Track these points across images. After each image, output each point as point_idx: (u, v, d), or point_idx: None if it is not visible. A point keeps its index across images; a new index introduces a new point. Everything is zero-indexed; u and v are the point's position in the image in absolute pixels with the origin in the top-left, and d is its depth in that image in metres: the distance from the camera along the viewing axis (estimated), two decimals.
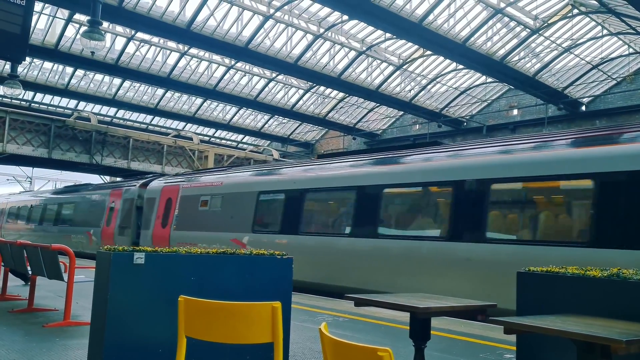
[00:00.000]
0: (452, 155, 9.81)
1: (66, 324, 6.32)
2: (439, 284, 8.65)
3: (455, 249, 8.78)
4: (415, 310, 3.22)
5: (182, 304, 2.87)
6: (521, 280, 3.77)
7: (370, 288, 9.38)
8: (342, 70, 24.69)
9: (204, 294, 3.45)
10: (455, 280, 8.61)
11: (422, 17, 18.74)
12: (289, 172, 13.01)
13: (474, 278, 8.34)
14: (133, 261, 3.88)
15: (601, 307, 3.36)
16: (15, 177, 44.29)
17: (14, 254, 7.99)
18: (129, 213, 18.32)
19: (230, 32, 21.31)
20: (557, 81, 24.42)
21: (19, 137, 23.30)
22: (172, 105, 31.70)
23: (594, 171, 7.52)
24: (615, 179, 7.31)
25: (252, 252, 4.40)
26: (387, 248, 9.91)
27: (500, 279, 7.51)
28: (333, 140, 36.16)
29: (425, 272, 9.10)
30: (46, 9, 21.33)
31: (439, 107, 28.82)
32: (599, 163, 7.51)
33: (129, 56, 24.49)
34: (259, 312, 2.80)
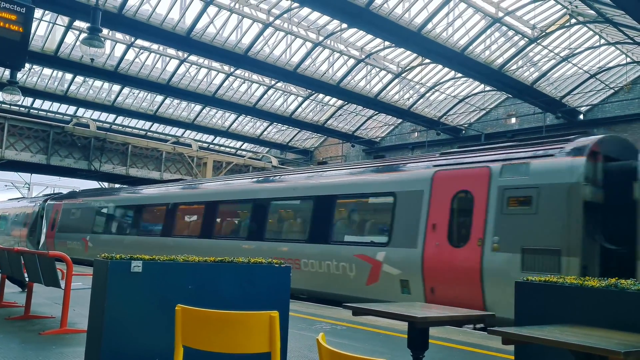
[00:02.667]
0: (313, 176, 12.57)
1: (63, 332, 6.29)
2: None
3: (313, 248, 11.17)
4: (414, 320, 3.21)
5: (180, 313, 2.87)
6: (519, 289, 3.77)
7: None
8: (341, 77, 24.76)
9: (202, 303, 3.44)
10: None
11: (421, 26, 18.81)
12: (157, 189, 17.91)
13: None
14: (130, 269, 3.88)
15: (599, 317, 3.36)
16: (14, 183, 44.22)
17: (11, 261, 7.96)
18: (35, 221, 24.62)
19: (229, 40, 21.38)
20: (555, 90, 24.50)
21: (17, 143, 23.30)
22: (171, 111, 31.72)
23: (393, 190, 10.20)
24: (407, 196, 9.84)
25: (250, 261, 4.40)
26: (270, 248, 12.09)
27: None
28: (332, 148, 36.20)
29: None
30: (46, 16, 21.38)
31: (438, 115, 28.89)
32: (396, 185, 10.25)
33: (129, 63, 24.53)
34: (256, 322, 2.79)
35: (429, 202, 9.47)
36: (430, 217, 9.40)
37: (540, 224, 8.03)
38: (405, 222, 9.77)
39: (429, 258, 9.14)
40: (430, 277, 9.07)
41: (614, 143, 8.58)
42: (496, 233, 8.39)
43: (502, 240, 8.29)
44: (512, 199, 8.46)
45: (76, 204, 21.51)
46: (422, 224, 9.43)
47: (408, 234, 9.58)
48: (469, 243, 8.72)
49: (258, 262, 4.43)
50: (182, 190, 16.31)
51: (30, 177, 41.87)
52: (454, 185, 9.28)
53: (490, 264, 8.33)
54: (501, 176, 8.64)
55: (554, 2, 19.53)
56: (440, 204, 9.32)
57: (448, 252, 8.97)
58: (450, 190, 9.27)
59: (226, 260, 4.31)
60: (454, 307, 3.89)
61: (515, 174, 8.52)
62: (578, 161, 7.96)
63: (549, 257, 7.85)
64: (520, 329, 2.92)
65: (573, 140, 8.50)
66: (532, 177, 8.30)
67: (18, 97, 16.56)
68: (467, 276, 8.56)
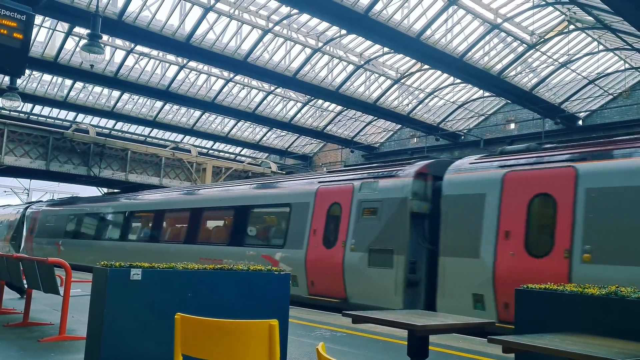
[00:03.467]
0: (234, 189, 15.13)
1: (62, 339, 6.28)
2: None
3: (232, 250, 13.32)
4: (414, 328, 3.21)
5: (179, 322, 2.86)
6: (519, 297, 3.77)
7: None
8: (340, 83, 24.80)
9: (201, 310, 3.43)
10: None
11: (420, 32, 18.87)
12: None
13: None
14: (130, 277, 3.87)
15: (599, 325, 3.36)
16: (13, 189, 44.20)
17: (10, 267, 7.94)
18: (18, 227, 26.55)
19: (229, 46, 21.42)
20: (554, 96, 24.55)
21: (17, 149, 23.30)
22: (170, 117, 31.74)
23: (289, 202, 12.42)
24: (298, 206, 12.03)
25: (250, 268, 4.39)
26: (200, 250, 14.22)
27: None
28: (331, 153, 36.22)
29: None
30: (46, 22, 21.42)
31: (437, 120, 28.93)
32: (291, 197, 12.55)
33: (128, 69, 24.56)
34: (256, 331, 2.79)
35: (312, 212, 11.68)
36: (312, 224, 11.54)
37: (381, 229, 10.22)
38: (295, 228, 11.94)
39: (310, 258, 11.33)
40: (310, 272, 11.26)
41: (441, 165, 10.41)
42: (354, 237, 10.60)
43: (357, 242, 10.51)
44: (365, 210, 10.60)
45: (51, 211, 23.84)
46: (307, 229, 11.61)
47: (297, 238, 11.77)
48: (336, 245, 10.91)
49: (257, 269, 4.43)
50: (134, 200, 19.18)
51: (29, 183, 41.84)
52: (329, 199, 11.45)
53: (349, 261, 10.56)
54: (360, 191, 10.80)
55: (552, 9, 19.61)
56: (320, 213, 11.51)
57: (322, 253, 11.13)
58: (326, 202, 11.45)
59: (225, 268, 4.31)
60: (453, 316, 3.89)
61: (369, 190, 10.65)
62: (408, 181, 10.13)
63: (386, 255, 9.99)
64: (520, 338, 2.91)
65: (412, 164, 10.71)
66: (378, 193, 10.47)
67: (18, 103, 16.56)
68: (334, 271, 10.74)
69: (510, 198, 8.61)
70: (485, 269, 8.55)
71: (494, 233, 8.61)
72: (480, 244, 8.75)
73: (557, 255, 7.84)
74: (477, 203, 8.96)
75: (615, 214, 7.51)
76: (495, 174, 9.01)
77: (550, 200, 8.22)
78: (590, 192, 7.77)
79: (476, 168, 9.55)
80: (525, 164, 8.77)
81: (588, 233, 7.63)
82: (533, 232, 8.38)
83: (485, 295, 8.50)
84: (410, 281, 9.78)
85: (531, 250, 8.24)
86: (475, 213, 8.94)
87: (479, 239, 8.79)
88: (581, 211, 7.79)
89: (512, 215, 8.50)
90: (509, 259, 8.33)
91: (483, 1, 19.22)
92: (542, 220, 8.44)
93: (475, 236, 8.84)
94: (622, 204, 7.44)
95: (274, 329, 2.77)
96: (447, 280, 9.13)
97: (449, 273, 9.11)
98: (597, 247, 7.45)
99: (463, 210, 9.22)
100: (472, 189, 9.24)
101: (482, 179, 9.17)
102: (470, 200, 9.14)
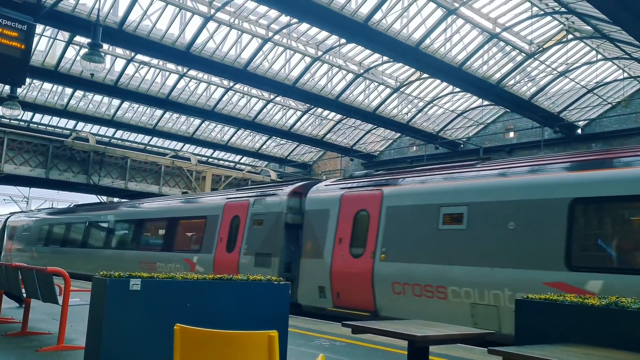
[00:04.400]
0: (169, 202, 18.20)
1: (60, 348, 6.25)
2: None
3: (164, 254, 15.90)
4: (413, 338, 3.20)
5: (178, 333, 2.85)
6: (520, 307, 3.76)
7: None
8: (339, 92, 24.86)
9: (200, 321, 3.42)
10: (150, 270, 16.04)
11: (419, 41, 18.95)
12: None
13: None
14: (129, 287, 3.86)
15: (600, 336, 3.35)
16: (12, 197, 44.15)
17: (8, 276, 7.92)
18: (1, 235, 28.39)
19: (229, 55, 21.49)
20: (552, 104, 24.61)
21: (16, 157, 23.32)
22: (170, 125, 31.79)
23: (205, 214, 15.05)
24: (211, 218, 14.64)
25: (249, 278, 4.38)
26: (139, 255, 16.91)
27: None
28: (330, 162, 36.25)
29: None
30: (47, 31, 21.50)
31: (436, 129, 28.98)
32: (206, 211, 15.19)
33: (128, 77, 24.62)
34: (255, 342, 2.78)
35: (220, 223, 14.15)
36: (220, 233, 14.03)
37: (264, 237, 12.71)
38: (208, 236, 14.41)
39: (217, 260, 13.78)
40: (218, 271, 13.01)
41: (310, 186, 12.78)
42: (246, 243, 13.08)
43: (248, 248, 13.01)
44: (255, 221, 13.10)
45: (28, 221, 26.05)
46: (216, 237, 14.09)
47: (209, 244, 14.23)
48: (234, 250, 13.37)
49: (257, 279, 4.42)
50: (91, 212, 21.81)
51: (29, 191, 41.80)
52: (231, 212, 13.96)
53: (242, 262, 12.97)
54: (253, 206, 13.30)
55: (550, 18, 19.71)
56: (226, 224, 13.94)
57: (225, 257, 13.51)
58: (230, 215, 13.95)
59: (225, 278, 4.30)
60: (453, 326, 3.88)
61: (259, 206, 13.17)
62: (284, 198, 12.66)
63: (267, 257, 12.45)
64: (521, 349, 2.90)
65: (290, 185, 13.29)
66: (264, 208, 13.01)
67: (18, 112, 16.59)
68: (232, 270, 12.94)
69: (344, 213, 11.26)
70: (326, 267, 11.14)
71: (332, 240, 11.23)
72: (324, 248, 11.34)
73: (367, 256, 10.45)
74: (324, 217, 11.59)
75: (399, 225, 10.10)
76: (336, 194, 11.68)
77: (366, 215, 10.77)
78: (388, 209, 10.40)
79: (327, 189, 12.18)
80: (355, 187, 11.44)
81: (385, 239, 10.25)
82: (354, 239, 10.93)
83: (326, 287, 11.16)
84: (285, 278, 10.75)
85: (352, 252, 10.84)
86: (323, 224, 11.58)
87: (323, 244, 11.38)
88: (383, 223, 10.37)
89: (344, 226, 11.11)
90: (340, 260, 10.95)
91: (482, 10, 19.32)
92: (360, 230, 10.89)
93: (321, 242, 11.44)
94: (403, 219, 10.07)
95: (274, 340, 2.77)
96: (304, 276, 11.72)
97: (305, 270, 11.74)
98: (388, 250, 10.09)
99: (315, 222, 11.85)
100: (322, 205, 11.86)
101: (328, 198, 11.79)
102: (319, 214, 11.78)
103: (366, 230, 10.61)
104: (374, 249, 10.30)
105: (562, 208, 7.82)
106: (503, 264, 8.30)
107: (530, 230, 8.18)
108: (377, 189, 10.80)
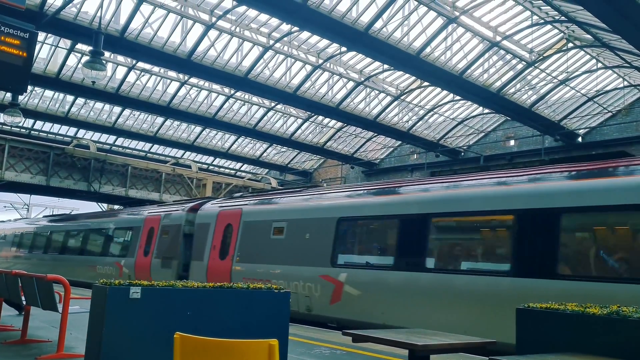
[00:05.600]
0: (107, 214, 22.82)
1: (60, 356, 6.22)
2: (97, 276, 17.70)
3: (101, 259, 18.97)
4: (414, 347, 3.19)
5: (178, 341, 2.84)
6: (521, 316, 3.74)
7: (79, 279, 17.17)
8: (340, 100, 24.92)
9: (200, 329, 3.41)
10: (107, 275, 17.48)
11: (420, 50, 19.02)
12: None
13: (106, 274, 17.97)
14: (129, 295, 3.85)
15: (601, 345, 3.34)
16: (13, 204, 44.16)
17: (8, 284, 7.90)
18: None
19: (230, 62, 21.57)
20: (553, 113, 24.65)
21: (17, 164, 23.33)
22: (171, 133, 31.84)
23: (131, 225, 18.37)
24: (135, 229, 17.72)
25: (249, 286, 4.37)
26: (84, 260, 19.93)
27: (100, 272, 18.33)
28: (331, 169, 36.26)
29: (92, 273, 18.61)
30: (49, 39, 21.59)
31: (437, 137, 29.01)
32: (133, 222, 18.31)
33: (130, 85, 24.69)
34: (255, 350, 2.77)
35: (141, 232, 17.06)
36: (140, 240, 16.82)
37: (169, 244, 15.66)
38: (132, 244, 17.38)
39: (136, 263, 16.66)
40: (137, 273, 16.18)
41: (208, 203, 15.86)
42: (157, 249, 15.99)
43: (157, 252, 15.92)
44: (164, 232, 16.08)
45: (4, 230, 29.12)
46: (137, 244, 16.99)
47: (132, 250, 17.19)
48: (148, 255, 16.23)
49: (257, 287, 4.41)
50: (46, 223, 25.08)
51: (29, 198, 41.81)
52: (149, 224, 16.91)
53: (153, 264, 15.93)
54: (163, 220, 16.32)
55: (551, 27, 19.78)
56: (145, 233, 16.86)
57: (142, 260, 16.39)
58: (148, 226, 16.87)
59: (225, 286, 4.29)
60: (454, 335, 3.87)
61: (167, 219, 16.21)
62: (183, 213, 15.76)
63: (169, 261, 15.38)
64: (522, 358, 2.89)
65: (190, 202, 16.69)
66: (170, 221, 16.06)
67: (19, 119, 16.63)
68: (146, 271, 15.88)
69: (218, 226, 14.26)
70: (204, 267, 14.15)
71: (210, 246, 14.23)
72: (204, 252, 14.34)
73: (228, 259, 13.53)
74: (206, 229, 14.65)
75: (249, 235, 13.28)
76: (215, 211, 14.78)
77: (231, 228, 13.79)
78: (244, 223, 13.49)
79: (211, 207, 15.24)
80: (228, 206, 14.45)
81: (240, 246, 13.29)
82: (222, 246, 13.90)
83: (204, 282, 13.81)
84: (182, 277, 14.67)
85: (220, 256, 13.81)
86: (205, 234, 14.59)
87: (204, 250, 14.38)
88: (240, 234, 13.44)
89: (217, 236, 14.09)
90: (212, 261, 13.96)
91: (482, 19, 19.40)
92: (226, 239, 13.86)
93: (203, 248, 14.43)
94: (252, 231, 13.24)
95: (274, 348, 2.76)
96: (193, 274, 14.52)
97: (193, 270, 14.64)
98: (242, 254, 13.26)
99: (201, 233, 14.79)
100: (206, 220, 14.88)
101: (210, 214, 14.89)
102: (204, 227, 14.81)
103: (230, 239, 13.77)
104: (233, 253, 13.52)
105: (331, 224, 11.40)
106: (303, 263, 11.76)
107: (316, 239, 11.65)
108: (239, 208, 14.02)
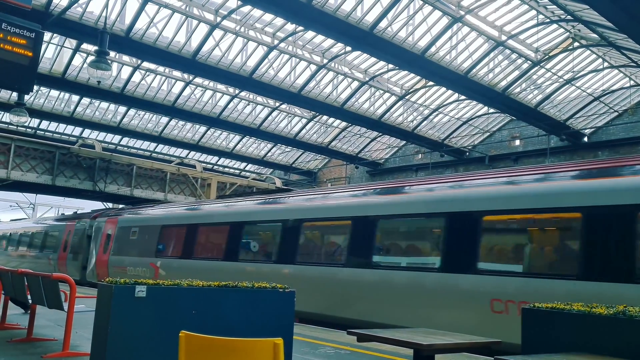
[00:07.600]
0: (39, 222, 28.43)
1: (65, 355, 6.24)
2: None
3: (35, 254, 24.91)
4: (419, 347, 3.18)
5: (183, 340, 2.85)
6: (526, 316, 3.73)
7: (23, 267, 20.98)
8: (345, 100, 24.91)
9: (205, 328, 3.41)
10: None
11: (425, 49, 18.98)
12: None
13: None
14: (135, 294, 3.86)
15: (607, 345, 3.32)
16: (18, 204, 44.35)
17: (14, 282, 7.94)
18: None
19: (235, 62, 21.59)
20: (559, 112, 24.55)
21: (23, 164, 23.41)
22: (176, 133, 31.91)
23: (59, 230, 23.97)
24: (60, 233, 23.52)
25: (254, 285, 4.37)
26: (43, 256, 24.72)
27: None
28: (335, 169, 36.24)
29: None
30: (54, 39, 21.67)
31: (442, 137, 28.95)
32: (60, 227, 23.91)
33: (135, 85, 24.76)
34: (260, 349, 2.77)
35: (63, 235, 22.32)
36: (62, 242, 22.00)
37: (77, 244, 21.16)
38: (57, 243, 22.92)
39: (59, 257, 22.04)
40: (59, 264, 21.94)
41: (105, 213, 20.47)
42: (71, 247, 21.68)
43: (71, 249, 21.53)
44: (75, 235, 21.15)
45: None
46: (60, 244, 22.29)
47: (57, 248, 22.52)
48: (66, 252, 21.62)
49: (262, 286, 4.41)
50: (12, 225, 30.81)
51: (35, 197, 41.99)
52: (68, 229, 21.97)
53: (68, 258, 21.41)
54: (77, 225, 21.40)
55: (556, 26, 19.69)
56: (65, 236, 21.97)
57: (62, 254, 21.71)
58: (67, 230, 22.09)
59: (230, 285, 4.29)
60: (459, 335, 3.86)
61: (78, 225, 21.24)
62: (88, 220, 20.79)
63: (77, 256, 20.95)
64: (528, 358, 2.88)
65: (96, 212, 21.75)
66: (80, 226, 21.11)
67: (25, 119, 16.69)
68: (63, 262, 21.80)
69: (105, 230, 18.80)
70: (94, 259, 18.83)
71: (99, 245, 18.84)
72: (96, 249, 19.00)
73: (107, 253, 18.07)
74: (98, 232, 19.29)
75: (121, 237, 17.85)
76: (104, 219, 19.42)
77: (112, 232, 18.26)
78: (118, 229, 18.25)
79: (103, 216, 19.82)
80: (113, 215, 19.20)
81: (115, 244, 17.93)
82: (105, 244, 18.59)
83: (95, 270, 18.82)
84: (84, 267, 19.88)
85: (104, 251, 18.28)
86: (98, 237, 19.21)
87: (96, 247, 19.04)
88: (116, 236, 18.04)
89: (104, 238, 18.67)
90: (99, 255, 18.50)
91: (487, 18, 19.33)
92: (108, 240, 18.36)
93: (96, 247, 19.05)
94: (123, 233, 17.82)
95: (279, 347, 2.76)
96: (89, 264, 19.29)
97: (90, 261, 19.30)
98: (115, 250, 17.73)
99: (96, 235, 19.46)
100: (99, 225, 19.58)
101: (102, 221, 19.47)
102: (98, 231, 19.45)
103: (109, 240, 18.35)
104: (110, 249, 18.04)
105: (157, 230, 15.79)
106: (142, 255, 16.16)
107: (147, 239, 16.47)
108: (117, 217, 18.71)
